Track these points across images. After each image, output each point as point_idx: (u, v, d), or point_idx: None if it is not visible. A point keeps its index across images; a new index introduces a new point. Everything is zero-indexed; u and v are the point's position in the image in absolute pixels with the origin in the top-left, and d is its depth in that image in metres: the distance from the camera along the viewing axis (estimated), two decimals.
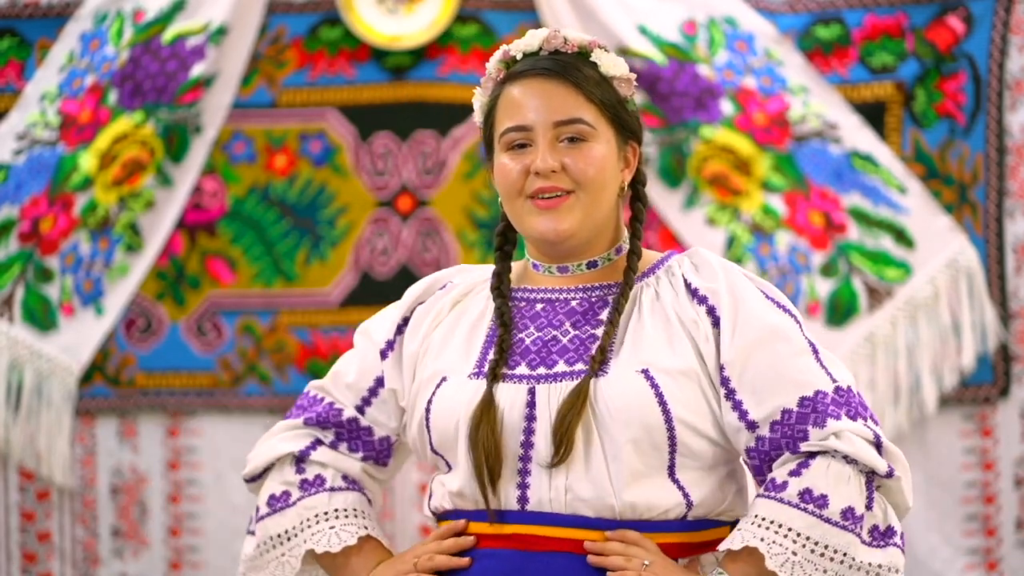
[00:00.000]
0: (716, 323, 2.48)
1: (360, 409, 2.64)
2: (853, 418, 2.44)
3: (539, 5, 4.67)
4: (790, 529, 2.39)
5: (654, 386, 2.44)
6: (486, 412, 2.44)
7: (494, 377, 2.48)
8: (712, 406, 2.47)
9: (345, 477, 2.64)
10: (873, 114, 4.66)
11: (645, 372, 2.45)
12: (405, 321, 2.62)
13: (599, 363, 2.45)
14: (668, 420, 2.43)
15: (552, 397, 2.46)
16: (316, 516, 2.59)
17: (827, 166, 4.65)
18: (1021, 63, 4.64)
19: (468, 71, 4.70)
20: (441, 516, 2.55)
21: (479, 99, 2.60)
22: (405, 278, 4.72)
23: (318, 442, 2.64)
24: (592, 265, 2.56)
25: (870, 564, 2.40)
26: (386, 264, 4.75)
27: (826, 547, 2.39)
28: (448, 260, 4.73)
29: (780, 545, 2.39)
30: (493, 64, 2.58)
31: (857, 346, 4.65)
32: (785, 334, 2.47)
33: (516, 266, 2.63)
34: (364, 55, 4.73)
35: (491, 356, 2.51)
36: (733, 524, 2.50)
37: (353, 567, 2.59)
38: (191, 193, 4.75)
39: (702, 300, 2.50)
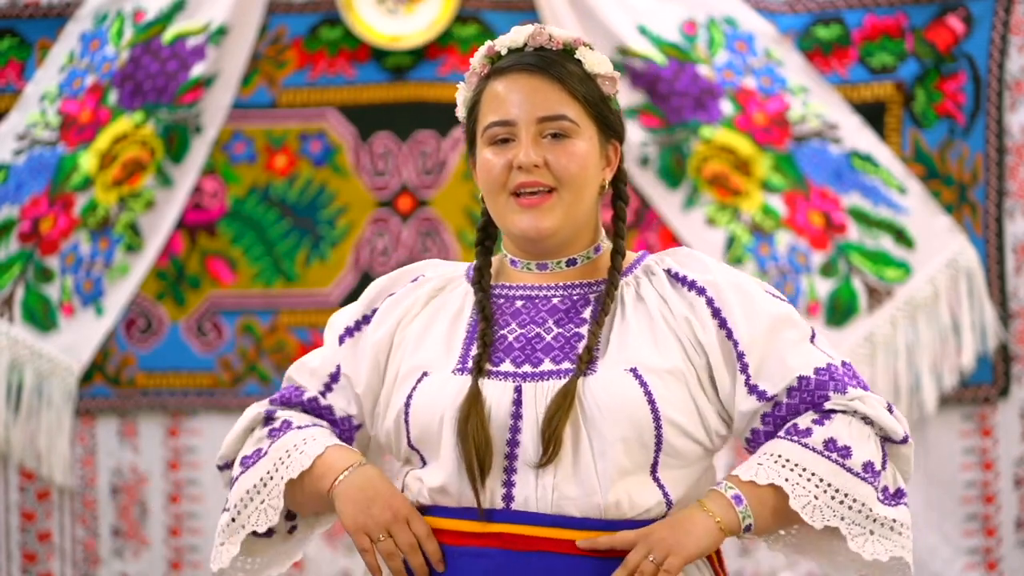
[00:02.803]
0: (716, 313, 2.50)
1: (322, 394, 2.61)
2: (866, 388, 2.51)
3: (539, 5, 4.67)
4: (813, 474, 2.44)
5: (643, 384, 2.45)
6: (474, 406, 2.44)
7: (479, 372, 2.47)
8: (699, 405, 2.49)
9: (312, 417, 2.62)
10: (873, 114, 4.67)
11: (634, 371, 2.46)
12: (373, 311, 2.61)
13: (586, 362, 2.45)
14: (656, 419, 2.44)
15: (539, 396, 2.46)
16: (287, 451, 2.54)
17: (827, 166, 4.66)
18: (1021, 63, 4.64)
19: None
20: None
21: (462, 93, 2.60)
22: None
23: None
24: (571, 263, 2.57)
25: (885, 518, 2.45)
26: (386, 264, 4.75)
27: (846, 495, 2.44)
28: (448, 260, 4.73)
29: (803, 488, 2.43)
30: (478, 59, 2.59)
31: (857, 346, 4.65)
32: (792, 320, 2.52)
33: (493, 261, 2.62)
34: (364, 55, 4.73)
35: (474, 351, 2.51)
36: None
37: (328, 462, 2.52)
38: (191, 193, 4.75)
39: (700, 291, 2.52)
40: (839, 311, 4.66)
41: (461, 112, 2.60)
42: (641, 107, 4.66)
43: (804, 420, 2.48)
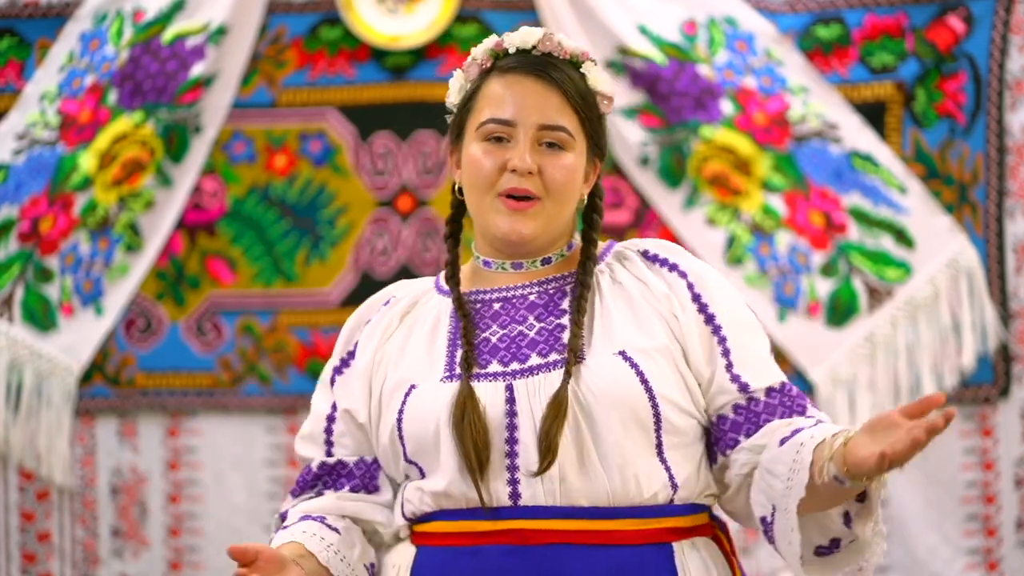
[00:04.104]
0: (697, 298, 2.51)
1: (327, 452, 2.60)
2: None
3: (539, 5, 4.67)
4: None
5: (633, 366, 2.45)
6: (469, 404, 2.43)
7: (467, 370, 2.47)
8: (686, 380, 2.49)
9: (305, 518, 2.56)
10: (873, 114, 4.66)
11: (622, 353, 2.46)
12: (355, 344, 2.62)
13: (573, 359, 2.45)
14: (652, 398, 2.45)
15: (531, 391, 2.46)
16: None
17: (827, 166, 4.65)
18: (1021, 63, 4.64)
19: None
20: (421, 519, 2.52)
21: (459, 81, 2.58)
22: (405, 278, 4.71)
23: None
24: (546, 261, 2.57)
25: None
26: (386, 264, 4.75)
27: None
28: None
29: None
30: (481, 51, 2.57)
31: (857, 346, 4.65)
32: (763, 333, 2.56)
33: (464, 270, 2.62)
34: (364, 55, 4.73)
35: (459, 354, 2.50)
36: (707, 509, 2.53)
37: None
38: (191, 193, 4.75)
39: (682, 274, 2.53)
40: (839, 311, 4.66)
41: (454, 99, 2.59)
42: (641, 107, 4.65)
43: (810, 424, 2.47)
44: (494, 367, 2.49)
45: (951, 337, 4.66)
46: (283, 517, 2.60)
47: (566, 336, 2.49)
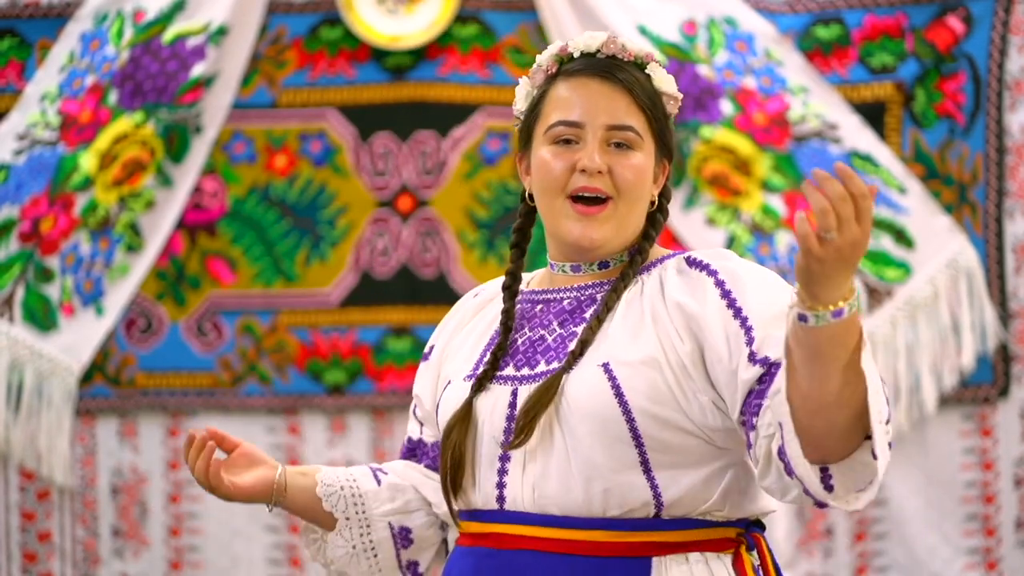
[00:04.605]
0: (726, 294, 2.43)
1: (420, 429, 2.71)
2: None
3: (539, 5, 4.67)
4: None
5: (612, 379, 2.42)
6: (460, 420, 2.48)
7: (479, 384, 2.50)
8: (676, 394, 2.42)
9: (368, 467, 2.73)
10: (873, 114, 4.67)
11: (605, 366, 2.43)
12: (440, 334, 2.69)
13: (572, 361, 2.45)
14: (627, 412, 2.41)
15: None
16: None
17: (827, 166, 4.66)
18: (1021, 63, 4.65)
19: (468, 71, 4.70)
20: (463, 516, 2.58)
21: (525, 87, 2.58)
22: (405, 278, 4.73)
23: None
24: (603, 265, 2.56)
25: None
26: (386, 264, 4.75)
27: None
28: (448, 260, 4.73)
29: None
30: (546, 57, 2.56)
31: None
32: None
33: (542, 272, 2.63)
34: (364, 55, 4.73)
35: (486, 360, 2.53)
36: (723, 524, 2.47)
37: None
38: (191, 193, 4.75)
39: (712, 273, 2.45)
40: None
41: (520, 106, 2.58)
42: None
43: None
44: (508, 370, 2.51)
45: (951, 337, 4.66)
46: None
47: (573, 344, 2.49)
